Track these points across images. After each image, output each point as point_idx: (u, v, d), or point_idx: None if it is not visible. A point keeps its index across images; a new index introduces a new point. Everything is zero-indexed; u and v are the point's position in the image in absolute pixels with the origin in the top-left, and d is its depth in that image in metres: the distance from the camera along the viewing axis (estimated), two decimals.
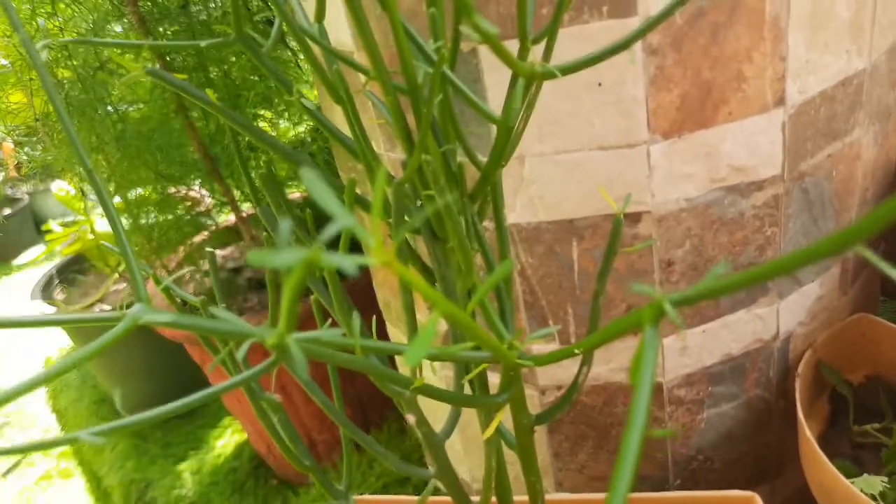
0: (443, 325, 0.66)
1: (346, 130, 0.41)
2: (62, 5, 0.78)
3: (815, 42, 0.53)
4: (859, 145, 0.61)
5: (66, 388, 1.75)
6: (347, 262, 0.15)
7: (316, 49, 0.41)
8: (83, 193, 1.17)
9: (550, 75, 0.33)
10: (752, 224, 0.57)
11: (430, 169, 0.33)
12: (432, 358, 0.33)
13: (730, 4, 0.49)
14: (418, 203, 0.40)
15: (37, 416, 1.87)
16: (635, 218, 0.55)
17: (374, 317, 0.47)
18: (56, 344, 1.94)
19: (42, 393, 1.83)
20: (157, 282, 0.43)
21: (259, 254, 0.15)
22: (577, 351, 0.30)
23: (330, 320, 0.39)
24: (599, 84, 0.50)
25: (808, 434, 0.57)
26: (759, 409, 0.66)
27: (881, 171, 0.68)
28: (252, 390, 0.45)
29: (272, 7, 0.36)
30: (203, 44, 0.40)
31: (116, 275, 1.46)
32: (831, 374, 0.67)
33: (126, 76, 0.36)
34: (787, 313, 0.63)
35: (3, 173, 3.25)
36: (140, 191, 1.05)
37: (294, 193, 1.32)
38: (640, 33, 0.33)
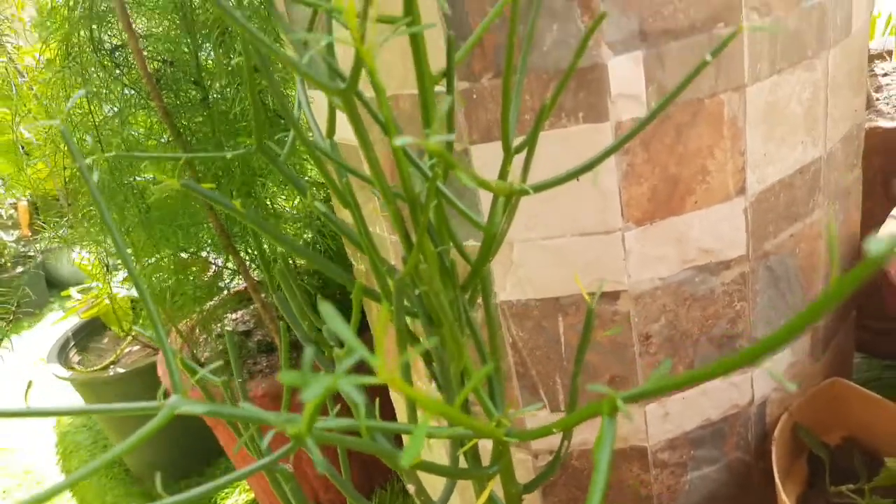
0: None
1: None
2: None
3: (772, 136, 0.59)
4: (820, 225, 0.67)
5: (78, 449, 1.78)
6: (356, 395, 0.21)
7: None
8: (106, 268, 1.23)
9: (524, 193, 0.39)
10: (722, 300, 0.62)
11: (426, 273, 0.38)
12: (430, 436, 0.38)
13: (692, 108, 0.55)
14: (416, 292, 0.46)
15: (46, 479, 1.89)
16: (614, 296, 0.60)
17: (378, 398, 0.52)
18: (69, 403, 1.98)
19: (53, 453, 1.86)
20: (186, 366, 0.49)
21: (292, 376, 0.20)
22: (554, 430, 0.35)
23: (339, 405, 0.44)
24: (578, 179, 0.56)
25: (783, 498, 0.61)
26: (739, 472, 0.70)
27: (845, 245, 0.73)
28: (270, 468, 0.50)
29: (287, 121, 0.43)
30: (228, 154, 0.47)
31: (130, 337, 1.51)
32: (808, 436, 0.71)
33: (160, 184, 0.42)
34: (761, 380, 0.68)
35: (17, 232, 3.34)
36: (157, 256, 1.11)
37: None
38: (609, 152, 0.39)
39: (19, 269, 3.38)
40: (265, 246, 1.02)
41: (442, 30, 0.53)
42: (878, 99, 1.03)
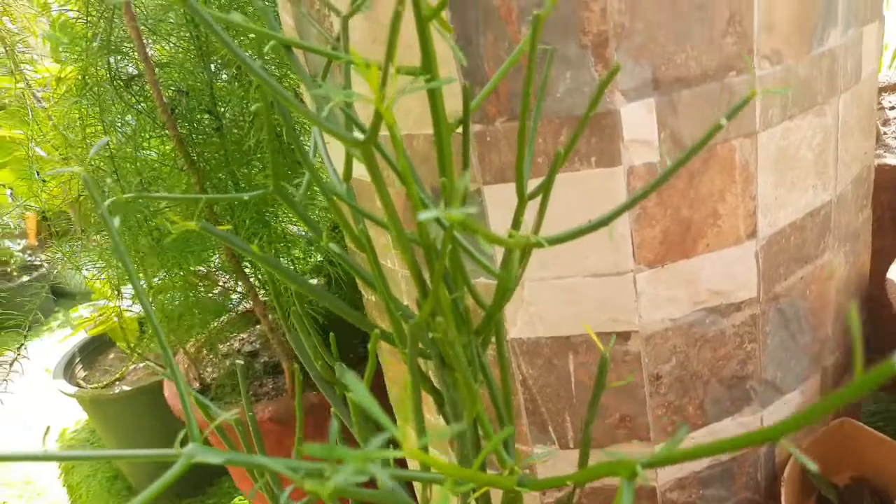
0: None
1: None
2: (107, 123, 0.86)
3: (783, 181, 0.59)
4: (831, 266, 0.67)
5: (80, 463, 1.78)
6: (380, 472, 0.21)
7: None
8: (116, 291, 1.24)
9: (540, 245, 0.40)
10: (733, 341, 0.63)
11: (441, 324, 0.39)
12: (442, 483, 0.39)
13: (704, 154, 0.55)
14: (430, 335, 0.46)
15: (47, 490, 1.89)
16: (625, 336, 0.61)
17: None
18: (73, 417, 1.98)
19: (55, 467, 1.86)
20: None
21: (317, 449, 0.21)
22: (567, 483, 0.35)
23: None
24: (589, 221, 0.57)
25: None
26: None
27: (854, 285, 0.73)
28: None
29: (303, 163, 0.43)
30: (246, 196, 0.47)
31: (136, 355, 1.52)
32: (817, 477, 0.71)
33: (178, 225, 0.42)
34: (771, 421, 0.67)
35: (24, 241, 3.35)
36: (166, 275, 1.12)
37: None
38: (625, 208, 0.40)
39: (25, 278, 3.39)
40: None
41: (457, 73, 0.54)
42: (885, 133, 1.03)
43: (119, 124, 0.87)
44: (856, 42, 0.61)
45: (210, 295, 1.25)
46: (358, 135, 0.43)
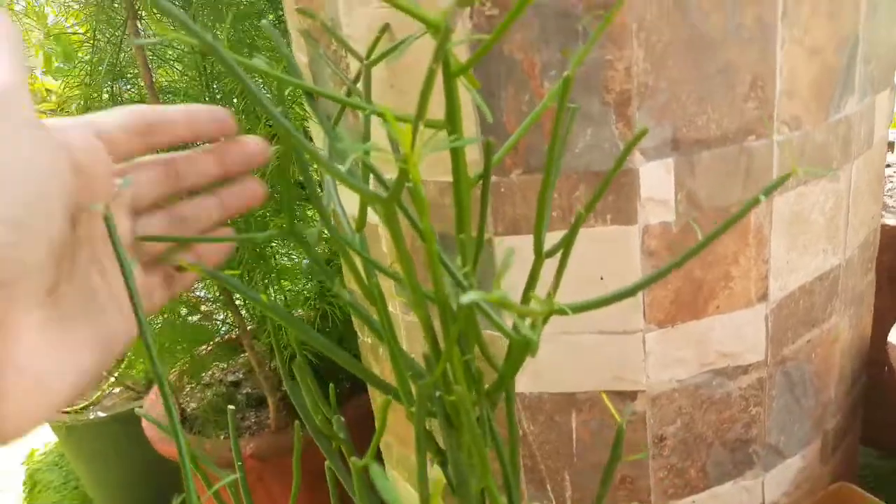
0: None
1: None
2: None
3: (795, 245, 0.59)
4: (836, 330, 0.66)
5: (47, 489, 1.72)
6: None
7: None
8: None
9: (563, 312, 0.38)
10: (738, 404, 0.61)
11: (460, 395, 0.37)
12: None
13: (719, 216, 0.55)
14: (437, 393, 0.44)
15: None
16: (631, 396, 0.59)
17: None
18: (43, 438, 1.92)
19: (19, 493, 1.79)
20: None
21: None
22: None
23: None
24: (602, 278, 0.56)
25: None
26: None
27: (856, 348, 0.73)
28: None
29: (319, 213, 0.42)
30: (260, 237, 0.45)
31: (112, 379, 1.47)
32: None
33: (184, 269, 0.41)
34: (772, 485, 0.66)
35: None
36: None
37: None
38: (651, 280, 0.38)
39: None
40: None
41: (474, 124, 0.53)
42: (883, 193, 1.04)
43: None
44: (870, 109, 0.61)
45: (194, 320, 1.22)
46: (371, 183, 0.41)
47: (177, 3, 0.71)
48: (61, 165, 0.27)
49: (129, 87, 0.75)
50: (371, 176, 0.38)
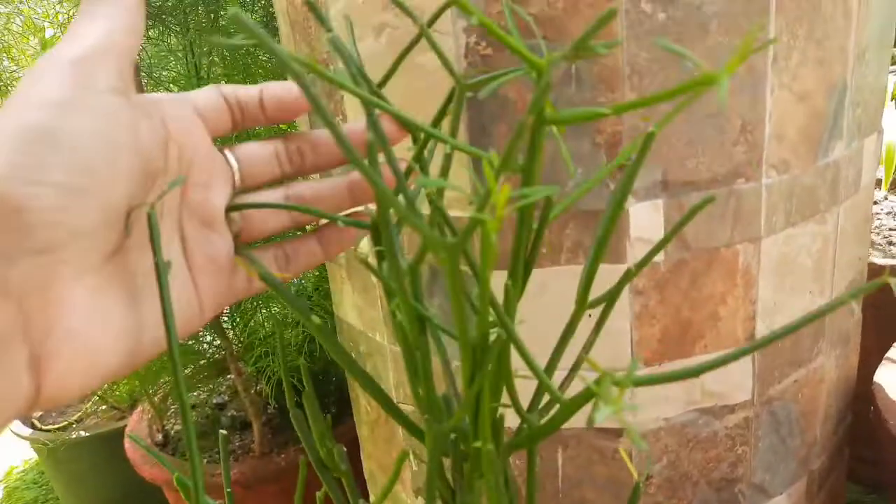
0: None
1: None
2: None
3: (783, 286, 0.59)
4: (823, 370, 0.67)
5: None
6: None
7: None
8: None
9: (652, 383, 0.38)
10: (724, 443, 0.61)
11: (483, 450, 0.35)
12: None
13: (708, 256, 0.55)
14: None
15: None
16: (617, 433, 0.59)
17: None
18: (22, 455, 1.89)
19: None
20: None
21: None
22: None
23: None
24: (590, 315, 0.56)
25: None
26: None
27: (842, 388, 0.73)
28: None
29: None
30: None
31: (96, 397, 1.46)
32: None
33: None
34: None
35: None
36: None
37: None
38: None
39: None
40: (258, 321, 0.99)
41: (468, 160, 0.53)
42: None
43: None
44: (858, 153, 0.62)
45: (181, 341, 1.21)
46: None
47: (175, 30, 0.72)
48: (140, 136, 0.26)
49: None
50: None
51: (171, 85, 0.85)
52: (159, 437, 1.19)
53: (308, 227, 0.38)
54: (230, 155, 0.33)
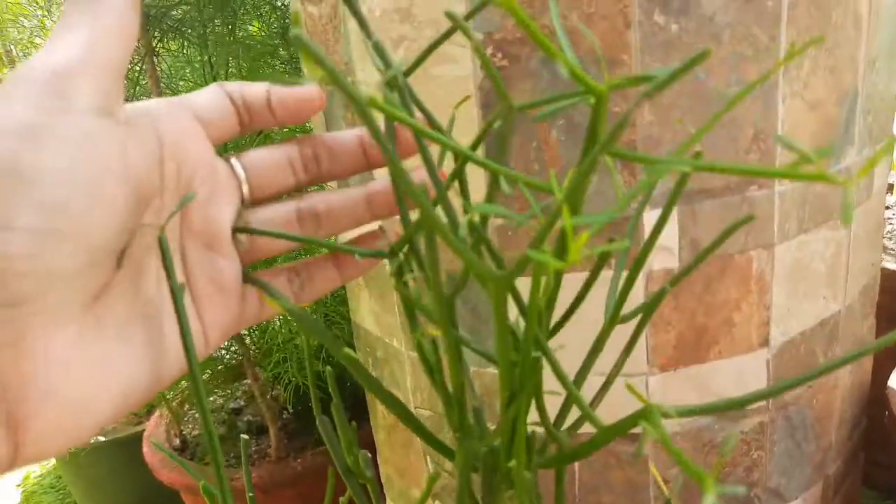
0: None
1: None
2: None
3: (796, 292, 0.60)
4: (837, 376, 0.67)
5: None
6: None
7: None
8: None
9: (690, 414, 0.39)
10: (740, 448, 0.62)
11: (517, 474, 0.36)
12: None
13: (722, 262, 0.56)
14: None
15: None
16: (634, 437, 0.60)
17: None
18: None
19: None
20: None
21: None
22: None
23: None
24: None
25: None
26: None
27: (857, 393, 0.73)
28: None
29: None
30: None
31: None
32: None
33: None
34: None
35: None
36: None
37: None
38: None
39: None
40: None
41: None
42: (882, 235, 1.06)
43: None
44: (869, 160, 0.63)
45: None
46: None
47: (194, 42, 0.73)
48: (129, 160, 0.23)
49: None
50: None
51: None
52: (177, 441, 1.21)
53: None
54: (237, 164, 0.29)
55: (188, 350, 0.27)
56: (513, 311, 0.32)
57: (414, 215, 0.35)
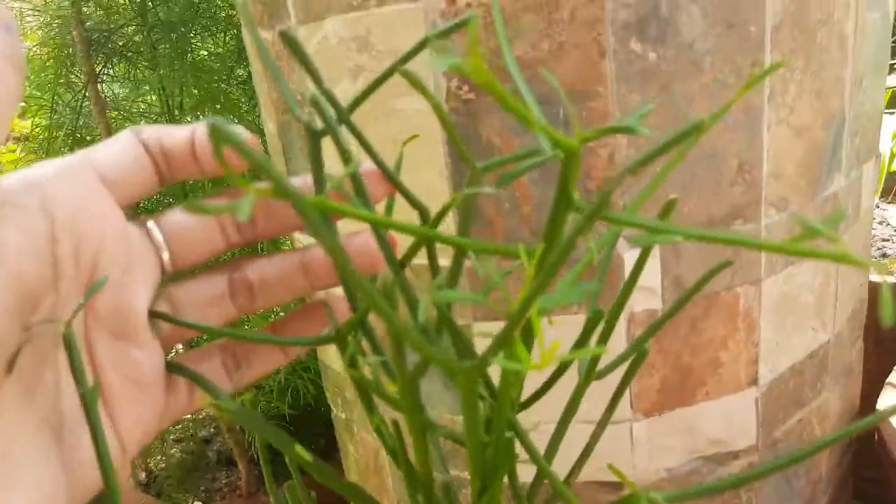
0: None
1: None
2: None
3: (784, 326, 0.57)
4: (827, 406, 0.64)
5: None
6: None
7: None
8: None
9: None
10: (729, 490, 0.59)
11: None
12: None
13: (708, 301, 0.53)
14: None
15: None
16: (618, 486, 0.56)
17: None
18: None
19: None
20: None
21: None
22: None
23: None
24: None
25: None
26: None
27: (846, 419, 0.71)
28: None
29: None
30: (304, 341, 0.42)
31: None
32: None
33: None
34: None
35: None
36: None
37: None
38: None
39: None
40: None
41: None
42: None
43: None
44: (857, 182, 0.60)
45: None
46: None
47: (142, 66, 0.68)
48: (6, 257, 0.20)
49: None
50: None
51: (142, 119, 0.81)
52: (143, 475, 1.15)
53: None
54: (154, 228, 0.25)
55: (105, 469, 0.22)
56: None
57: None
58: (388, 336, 0.25)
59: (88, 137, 0.70)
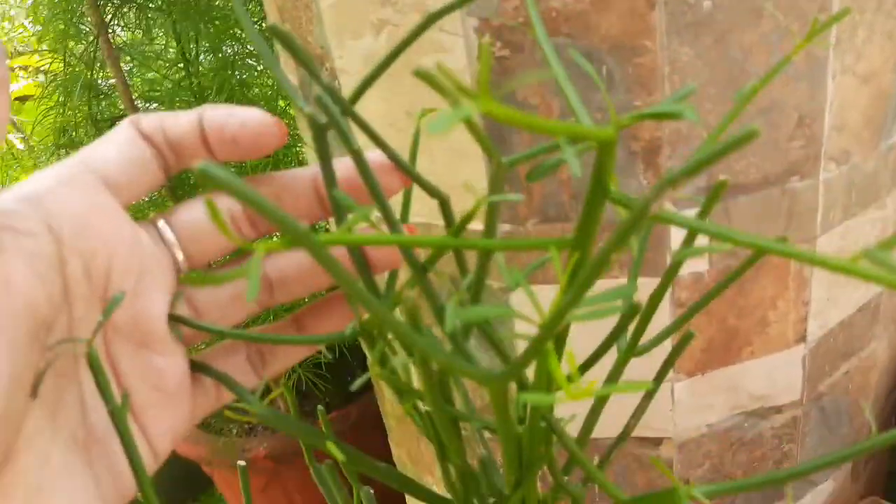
0: None
1: None
2: None
3: (837, 281, 0.54)
4: (874, 355, 0.62)
5: None
6: None
7: None
8: None
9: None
10: (770, 442, 0.58)
11: None
12: None
13: (757, 262, 0.50)
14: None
15: None
16: (656, 441, 0.56)
17: None
18: None
19: None
20: None
21: None
22: None
23: None
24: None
25: None
26: None
27: (892, 365, 0.69)
28: None
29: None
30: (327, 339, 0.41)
31: None
32: None
33: None
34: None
35: None
36: None
37: None
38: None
39: None
40: None
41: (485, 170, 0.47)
42: None
43: None
44: None
45: None
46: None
47: (155, 13, 0.64)
48: (13, 289, 0.19)
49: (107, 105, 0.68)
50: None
51: (159, 61, 0.78)
52: None
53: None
54: (166, 228, 0.24)
55: (140, 480, 0.22)
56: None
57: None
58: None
59: (106, 89, 0.67)
